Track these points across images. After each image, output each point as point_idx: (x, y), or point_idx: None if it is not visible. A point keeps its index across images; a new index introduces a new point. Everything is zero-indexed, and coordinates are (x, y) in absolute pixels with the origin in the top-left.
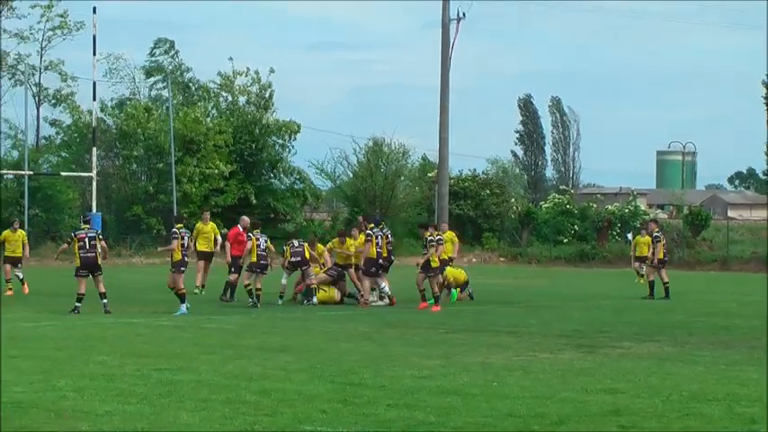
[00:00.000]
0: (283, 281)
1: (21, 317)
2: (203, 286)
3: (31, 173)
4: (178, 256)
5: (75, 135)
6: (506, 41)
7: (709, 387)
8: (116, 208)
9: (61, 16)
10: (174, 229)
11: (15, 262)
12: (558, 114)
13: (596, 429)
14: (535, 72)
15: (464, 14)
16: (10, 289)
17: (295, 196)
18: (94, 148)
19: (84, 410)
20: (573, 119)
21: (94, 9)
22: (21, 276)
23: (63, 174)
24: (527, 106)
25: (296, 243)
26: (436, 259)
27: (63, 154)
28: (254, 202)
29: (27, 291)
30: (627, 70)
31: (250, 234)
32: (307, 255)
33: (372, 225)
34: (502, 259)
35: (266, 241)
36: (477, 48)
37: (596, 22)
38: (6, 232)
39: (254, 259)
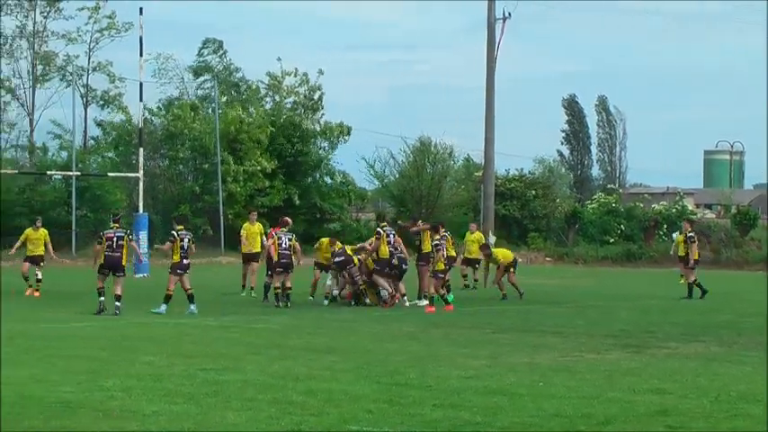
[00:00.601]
0: (329, 281)
1: (70, 317)
2: (252, 288)
3: (79, 173)
4: (176, 257)
5: (123, 136)
6: (551, 41)
7: (757, 388)
8: (162, 208)
9: (109, 17)
10: (173, 231)
11: (36, 261)
12: (604, 114)
13: (643, 430)
14: (580, 72)
15: (509, 14)
16: (30, 287)
17: (340, 196)
18: (141, 149)
19: (131, 410)
20: (619, 118)
21: (141, 10)
22: (39, 277)
23: (110, 174)
24: (572, 106)
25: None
26: (442, 263)
27: (110, 154)
28: (298, 202)
29: (38, 295)
30: (673, 70)
31: (274, 233)
32: (350, 253)
33: (384, 224)
34: (548, 259)
35: (290, 240)
36: (522, 48)
37: (642, 23)
38: (28, 230)
39: (276, 258)
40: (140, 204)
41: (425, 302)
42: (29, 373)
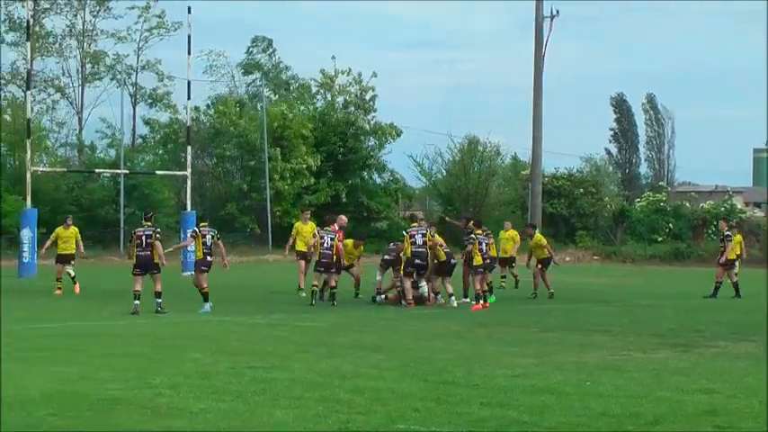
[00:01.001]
0: (378, 277)
1: (118, 314)
2: (301, 288)
3: (127, 171)
4: (200, 254)
5: (170, 134)
6: (599, 40)
7: None
8: (210, 206)
9: (159, 17)
10: (195, 228)
11: (67, 259)
12: (652, 112)
13: (692, 429)
14: (629, 71)
15: (557, 12)
16: (59, 288)
17: (388, 195)
18: (189, 147)
19: (179, 408)
20: (667, 117)
21: (189, 9)
22: (72, 274)
23: (158, 172)
24: (620, 105)
25: (392, 245)
26: (479, 257)
27: (159, 152)
28: (345, 200)
29: (78, 290)
30: (722, 69)
31: (316, 231)
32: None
33: (415, 224)
34: (595, 258)
35: (332, 239)
36: (569, 46)
37: (690, 21)
38: (59, 229)
39: (317, 257)
40: (188, 202)
41: (472, 301)
42: (78, 371)
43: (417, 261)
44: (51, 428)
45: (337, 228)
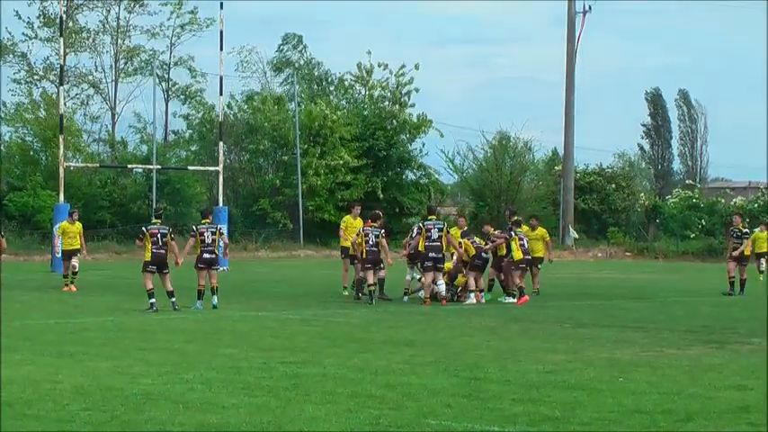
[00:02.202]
0: (408, 277)
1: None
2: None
3: (159, 167)
4: (198, 252)
5: (205, 129)
6: (632, 35)
7: None
8: (242, 202)
9: (191, 13)
10: (194, 226)
11: (74, 253)
12: (685, 108)
13: (725, 427)
14: (661, 66)
15: (590, 7)
16: (66, 285)
17: (420, 191)
18: (221, 143)
19: (211, 402)
20: (700, 112)
21: (221, 5)
22: (76, 269)
23: (190, 168)
24: (655, 100)
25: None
26: (519, 252)
27: (193, 148)
28: (381, 196)
29: (74, 289)
30: (756, 64)
31: (360, 229)
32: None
33: (433, 216)
34: (628, 254)
35: (377, 236)
36: (602, 42)
37: (724, 16)
38: (64, 223)
39: (364, 255)
40: (220, 198)
41: (511, 299)
42: (111, 365)
43: (432, 255)
44: (84, 422)
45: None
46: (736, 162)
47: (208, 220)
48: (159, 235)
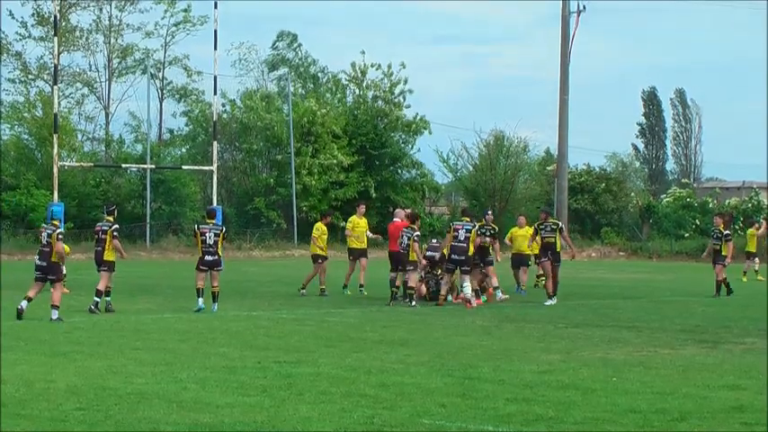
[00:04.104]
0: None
1: (145, 309)
2: (362, 285)
3: (153, 166)
4: (199, 252)
5: (198, 129)
6: (627, 35)
7: None
8: (237, 201)
9: (184, 11)
10: (196, 224)
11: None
12: (680, 107)
13: (718, 426)
14: (656, 65)
15: (584, 7)
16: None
17: (414, 190)
18: (215, 142)
19: (205, 402)
20: (695, 112)
21: (216, 4)
22: (64, 271)
23: (184, 167)
24: (651, 99)
25: (434, 241)
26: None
27: (187, 147)
28: (374, 195)
29: (67, 291)
30: (752, 63)
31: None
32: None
33: (466, 218)
34: (621, 254)
35: (410, 238)
36: (597, 41)
37: (720, 15)
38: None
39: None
40: (214, 197)
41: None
42: (106, 365)
43: (454, 256)
44: (78, 422)
45: (399, 222)
46: (731, 162)
47: (212, 221)
48: (99, 232)
